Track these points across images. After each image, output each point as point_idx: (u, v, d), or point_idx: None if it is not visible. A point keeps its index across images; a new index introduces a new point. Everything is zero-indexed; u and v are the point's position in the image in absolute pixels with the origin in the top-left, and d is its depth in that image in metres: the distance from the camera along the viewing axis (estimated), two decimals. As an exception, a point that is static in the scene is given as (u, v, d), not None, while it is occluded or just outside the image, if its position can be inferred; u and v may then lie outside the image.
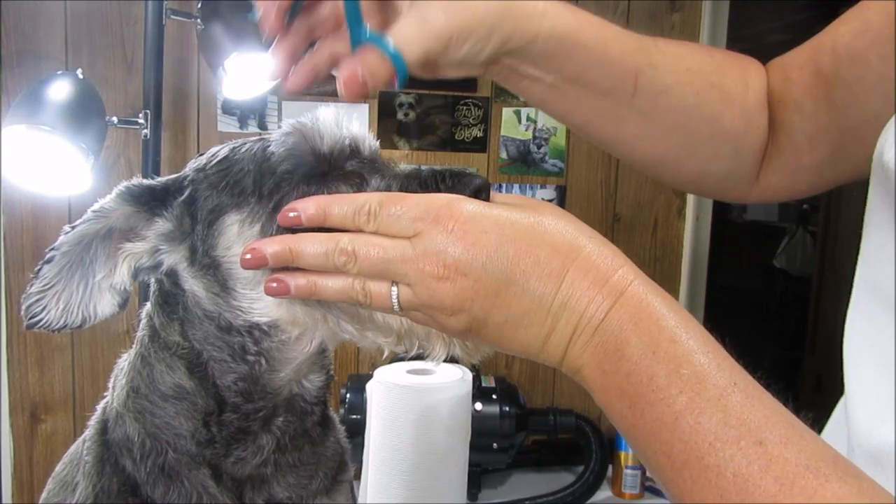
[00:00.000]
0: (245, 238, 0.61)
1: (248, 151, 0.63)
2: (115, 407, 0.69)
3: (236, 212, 0.62)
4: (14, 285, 1.69)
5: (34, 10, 1.65)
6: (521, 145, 1.97)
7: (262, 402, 0.66)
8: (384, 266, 0.50)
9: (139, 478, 0.66)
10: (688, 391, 0.42)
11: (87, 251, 0.63)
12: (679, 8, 2.02)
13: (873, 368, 0.51)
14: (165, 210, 0.64)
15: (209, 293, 0.64)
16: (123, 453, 0.67)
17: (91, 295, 0.63)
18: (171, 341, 0.66)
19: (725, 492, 0.40)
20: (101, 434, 0.70)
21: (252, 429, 0.67)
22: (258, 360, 0.65)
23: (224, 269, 0.63)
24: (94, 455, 0.69)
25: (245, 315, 0.63)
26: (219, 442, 0.66)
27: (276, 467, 0.69)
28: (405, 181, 0.58)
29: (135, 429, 0.67)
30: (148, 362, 0.67)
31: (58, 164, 1.25)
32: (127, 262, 0.64)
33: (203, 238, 0.63)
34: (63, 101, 1.22)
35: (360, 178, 0.61)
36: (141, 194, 0.63)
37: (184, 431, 0.66)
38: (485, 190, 0.56)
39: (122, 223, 0.63)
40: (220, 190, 0.63)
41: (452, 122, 1.92)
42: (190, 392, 0.65)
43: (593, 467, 1.71)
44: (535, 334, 0.48)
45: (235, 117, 1.79)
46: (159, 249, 0.64)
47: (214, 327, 0.64)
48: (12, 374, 1.71)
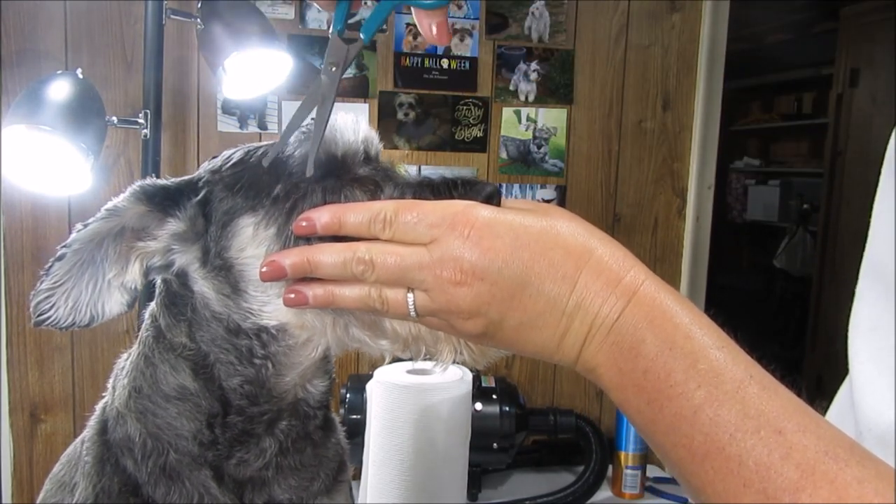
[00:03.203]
0: (259, 240, 0.61)
1: (263, 154, 0.63)
2: (117, 407, 0.69)
3: (251, 214, 0.62)
4: (14, 285, 1.69)
5: (34, 9, 1.65)
6: (521, 145, 1.97)
7: (266, 405, 0.66)
8: (402, 273, 0.52)
9: (140, 478, 0.66)
10: (705, 385, 0.43)
11: (98, 249, 0.63)
12: (679, 8, 2.02)
13: (876, 352, 0.51)
14: (179, 210, 0.64)
15: (219, 295, 0.64)
16: (124, 453, 0.67)
17: (100, 293, 0.63)
18: (177, 342, 0.66)
19: (748, 480, 0.40)
20: (100, 434, 0.70)
21: (256, 432, 0.67)
22: (265, 363, 0.65)
23: (236, 270, 0.63)
24: (94, 455, 0.69)
25: (255, 318, 0.63)
26: (221, 444, 0.66)
27: (278, 469, 0.69)
28: (418, 189, 0.59)
29: (136, 429, 0.67)
30: (151, 362, 0.67)
31: (58, 163, 1.24)
32: (139, 261, 0.64)
33: (216, 239, 0.63)
34: (63, 101, 1.22)
35: (374, 184, 0.61)
36: (155, 194, 0.64)
37: (186, 432, 0.66)
38: (496, 197, 0.56)
39: (135, 222, 0.64)
40: (235, 192, 0.63)
41: (452, 122, 1.92)
42: (194, 393, 0.65)
43: (593, 467, 1.71)
44: (551, 335, 0.49)
45: (235, 117, 1.79)
46: (171, 249, 0.64)
47: (223, 329, 0.64)
48: (12, 374, 1.71)
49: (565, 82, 1.97)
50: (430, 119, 1.91)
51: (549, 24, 1.95)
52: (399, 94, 1.88)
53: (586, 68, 1.98)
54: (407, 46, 1.87)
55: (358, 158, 0.63)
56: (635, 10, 1.99)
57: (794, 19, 4.62)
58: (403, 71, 1.88)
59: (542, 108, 1.97)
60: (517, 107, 1.95)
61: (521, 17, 1.93)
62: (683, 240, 2.09)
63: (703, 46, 2.03)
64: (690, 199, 2.07)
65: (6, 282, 1.68)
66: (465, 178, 0.58)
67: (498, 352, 0.57)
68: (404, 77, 1.88)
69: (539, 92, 1.96)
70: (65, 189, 1.31)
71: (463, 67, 1.91)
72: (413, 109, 1.90)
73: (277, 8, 1.79)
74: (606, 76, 2.00)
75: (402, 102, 1.89)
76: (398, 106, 1.89)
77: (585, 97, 1.99)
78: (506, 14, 1.93)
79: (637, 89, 2.02)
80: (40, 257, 1.68)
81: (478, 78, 1.92)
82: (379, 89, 1.86)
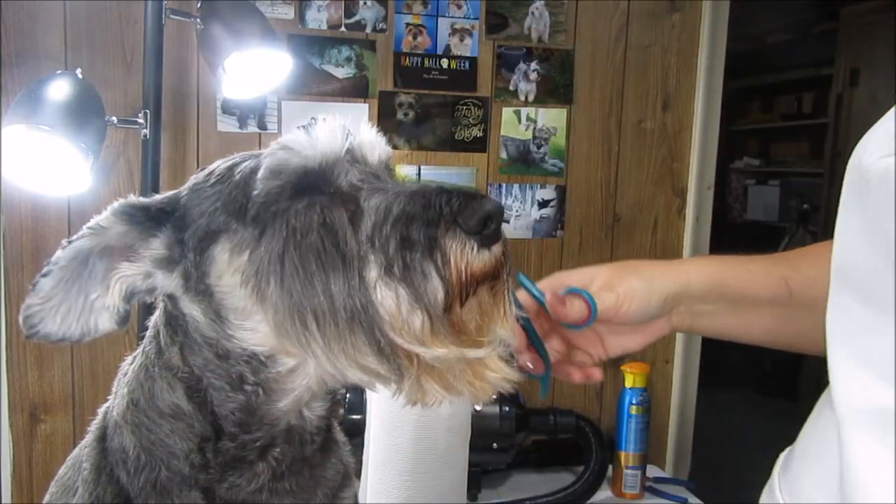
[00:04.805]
0: (235, 267, 0.59)
1: (243, 171, 0.61)
2: (115, 416, 0.68)
3: (226, 239, 0.60)
4: (14, 285, 1.69)
5: (34, 9, 1.65)
6: (521, 145, 1.97)
7: (258, 433, 0.65)
8: None
9: (132, 491, 0.65)
10: None
11: (83, 267, 0.61)
12: (679, 8, 2.02)
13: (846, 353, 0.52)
14: (160, 231, 0.62)
15: (207, 319, 0.62)
16: (119, 464, 0.66)
17: (91, 310, 0.62)
18: (173, 364, 0.65)
19: None
20: (99, 441, 0.69)
21: (248, 458, 0.65)
22: (256, 389, 0.63)
23: (217, 298, 0.61)
24: (91, 462, 0.68)
25: (241, 343, 0.62)
26: (213, 468, 0.64)
27: (272, 492, 0.67)
28: (408, 201, 0.55)
29: (131, 441, 0.66)
30: (151, 376, 0.66)
31: (57, 163, 1.24)
32: (119, 285, 0.62)
33: (196, 265, 0.61)
34: (62, 101, 1.22)
35: (354, 203, 0.58)
36: (134, 214, 0.62)
37: (178, 451, 0.64)
38: (495, 218, 0.53)
39: (118, 241, 0.62)
40: (211, 214, 0.61)
41: (452, 122, 1.92)
42: (187, 414, 0.64)
43: (593, 467, 1.71)
44: None
45: (235, 117, 1.79)
46: (151, 274, 0.63)
47: (213, 354, 0.63)
48: (12, 375, 1.70)
49: (565, 82, 1.97)
50: (430, 119, 1.91)
51: (549, 24, 1.95)
52: (399, 94, 1.88)
53: (586, 68, 1.98)
54: (406, 46, 1.87)
55: (341, 167, 0.60)
56: (635, 10, 1.99)
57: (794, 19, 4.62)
58: (403, 71, 1.88)
59: (542, 108, 1.96)
60: (517, 107, 1.95)
61: (521, 17, 1.93)
62: (683, 240, 2.09)
63: (703, 46, 2.03)
64: (690, 199, 2.07)
65: (6, 282, 1.68)
66: (465, 190, 0.55)
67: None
68: (404, 77, 1.88)
69: (539, 92, 1.96)
70: (64, 189, 1.31)
71: (463, 67, 1.91)
72: (413, 109, 1.89)
73: (277, 8, 1.79)
74: (606, 76, 2.00)
75: (402, 102, 1.89)
76: (398, 106, 1.88)
77: (585, 97, 1.99)
78: (506, 14, 1.93)
79: (637, 89, 2.02)
80: (40, 257, 1.68)
81: (478, 78, 1.92)
82: (378, 89, 1.86)
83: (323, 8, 1.81)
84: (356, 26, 1.84)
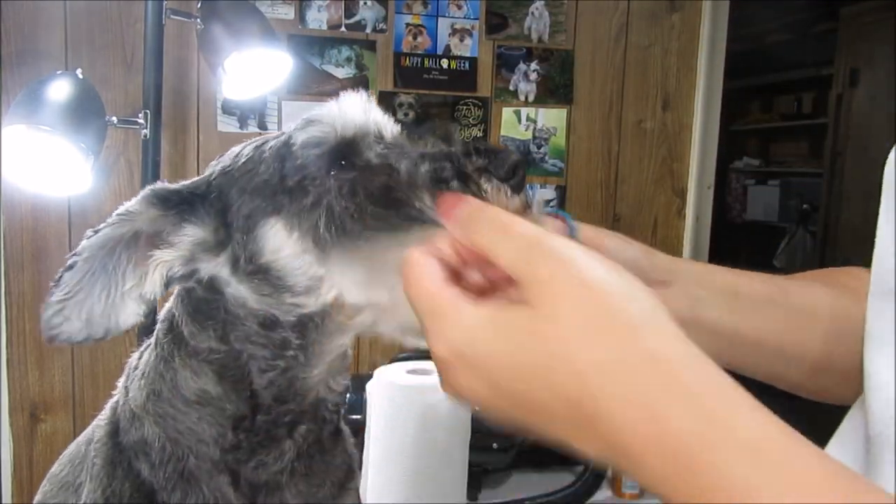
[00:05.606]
0: (293, 239, 0.59)
1: (273, 148, 0.61)
2: (132, 408, 0.67)
3: (275, 214, 0.59)
4: (14, 285, 1.69)
5: (34, 10, 1.65)
6: (521, 145, 1.97)
7: (292, 404, 0.65)
8: None
9: (156, 483, 0.64)
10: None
11: (110, 257, 0.59)
12: (679, 8, 2.02)
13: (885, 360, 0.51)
14: (194, 214, 0.62)
15: (258, 295, 0.62)
16: (139, 457, 0.66)
17: (114, 305, 0.60)
18: (203, 348, 0.64)
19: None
20: (112, 436, 0.68)
21: (278, 435, 0.66)
22: (297, 354, 0.63)
23: (276, 271, 0.60)
24: (104, 457, 0.68)
25: (299, 309, 0.61)
26: (244, 447, 0.65)
27: (291, 473, 0.68)
28: (434, 161, 0.55)
29: (154, 433, 0.65)
30: (171, 366, 0.65)
31: (57, 164, 1.24)
32: (159, 271, 0.61)
33: (244, 245, 0.61)
34: (63, 101, 1.22)
35: (389, 167, 0.58)
36: (168, 197, 0.61)
37: (207, 437, 0.64)
38: (521, 166, 0.54)
39: (149, 227, 0.60)
40: (251, 193, 0.60)
41: (452, 122, 1.92)
42: (216, 398, 0.64)
43: (593, 467, 1.71)
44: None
45: (235, 117, 1.79)
46: (195, 258, 0.62)
47: (257, 324, 0.62)
48: (12, 374, 1.71)
49: (565, 82, 1.97)
50: (430, 119, 1.91)
51: (548, 24, 1.95)
52: (399, 94, 1.88)
53: (586, 68, 1.98)
54: (406, 46, 1.87)
55: (369, 140, 0.60)
56: (635, 10, 1.99)
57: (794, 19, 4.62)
58: (403, 71, 1.88)
59: (542, 108, 1.97)
60: (517, 107, 1.95)
61: (521, 17, 1.93)
62: (683, 240, 2.09)
63: (703, 46, 2.03)
64: (690, 199, 2.07)
65: (6, 282, 1.68)
66: (489, 146, 0.55)
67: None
68: (404, 77, 1.88)
69: (539, 92, 1.96)
70: (64, 189, 1.31)
71: (463, 67, 1.91)
72: (413, 109, 1.89)
73: (277, 8, 1.79)
74: (606, 76, 2.00)
75: (402, 102, 1.89)
76: (398, 106, 1.88)
77: (585, 97, 1.99)
78: (506, 14, 1.93)
79: (637, 89, 2.02)
80: (40, 257, 1.68)
81: (478, 78, 1.92)
82: (378, 89, 1.86)
83: (323, 8, 1.81)
84: (356, 26, 1.84)
